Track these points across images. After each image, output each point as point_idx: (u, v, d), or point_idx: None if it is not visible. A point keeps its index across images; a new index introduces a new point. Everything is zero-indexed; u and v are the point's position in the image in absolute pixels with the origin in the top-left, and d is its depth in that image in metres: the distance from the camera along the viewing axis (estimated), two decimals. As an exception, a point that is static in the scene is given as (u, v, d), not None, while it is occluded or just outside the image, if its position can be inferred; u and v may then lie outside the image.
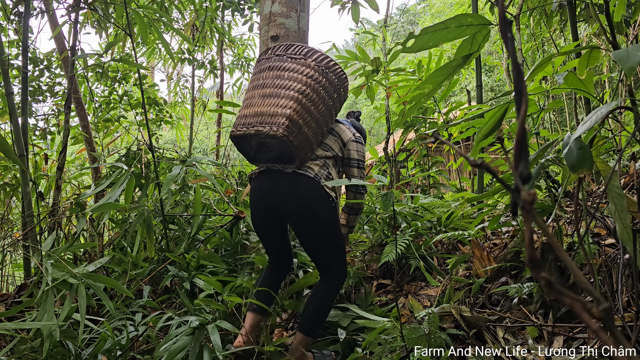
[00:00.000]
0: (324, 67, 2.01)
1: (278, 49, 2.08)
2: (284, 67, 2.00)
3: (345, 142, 2.18)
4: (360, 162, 2.20)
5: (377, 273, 2.95)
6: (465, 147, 6.75)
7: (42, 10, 4.81)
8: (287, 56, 2.03)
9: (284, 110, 1.90)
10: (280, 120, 1.89)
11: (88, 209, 2.83)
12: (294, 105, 1.91)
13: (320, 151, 2.10)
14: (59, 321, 1.63)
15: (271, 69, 2.03)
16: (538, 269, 0.38)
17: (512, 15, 3.36)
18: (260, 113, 1.94)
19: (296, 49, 2.04)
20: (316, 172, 2.03)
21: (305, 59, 2.00)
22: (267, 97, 1.96)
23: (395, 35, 21.65)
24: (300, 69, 1.98)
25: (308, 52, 2.02)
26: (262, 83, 2.02)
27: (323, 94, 1.99)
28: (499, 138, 0.70)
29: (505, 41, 0.49)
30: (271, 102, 1.93)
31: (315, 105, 1.97)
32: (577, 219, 1.41)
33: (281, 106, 1.91)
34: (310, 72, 1.98)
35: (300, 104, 1.92)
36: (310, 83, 1.96)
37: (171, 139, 16.99)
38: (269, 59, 2.08)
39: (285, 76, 1.97)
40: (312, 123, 1.97)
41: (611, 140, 3.77)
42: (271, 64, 2.04)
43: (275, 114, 1.91)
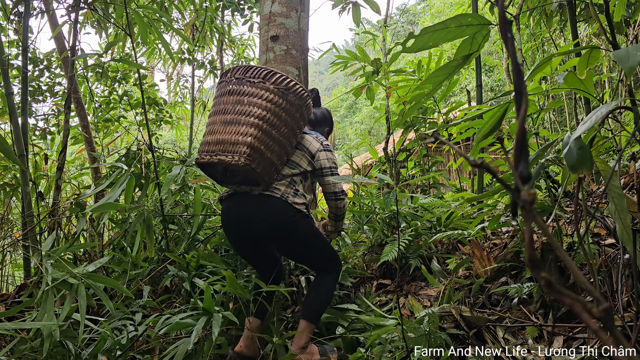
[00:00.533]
0: (284, 89, 2.00)
1: (237, 71, 2.07)
2: (243, 91, 1.99)
3: (314, 153, 2.18)
4: (332, 169, 2.22)
5: (377, 273, 2.95)
6: (465, 147, 6.75)
7: (42, 10, 4.81)
8: (246, 80, 2.01)
9: (244, 138, 1.91)
10: (242, 149, 1.90)
11: (88, 209, 2.83)
12: (254, 132, 1.92)
13: (286, 170, 2.11)
14: (59, 321, 1.63)
15: (231, 94, 2.02)
16: (538, 269, 0.38)
17: (512, 15, 3.36)
18: (222, 141, 1.95)
19: (255, 72, 2.02)
20: (282, 191, 2.04)
21: (264, 82, 1.99)
22: (228, 124, 1.96)
23: (395, 35, 21.65)
24: (260, 92, 1.97)
25: (267, 75, 2.00)
26: (223, 108, 2.01)
27: (284, 117, 1.99)
28: (499, 138, 0.70)
29: (505, 41, 0.49)
30: (232, 130, 1.94)
31: (277, 128, 1.98)
32: (577, 219, 1.41)
33: (242, 134, 1.92)
34: (270, 95, 1.97)
35: (261, 130, 1.93)
36: (270, 107, 1.96)
37: (171, 139, 17.00)
38: (229, 83, 2.06)
39: (245, 101, 1.97)
40: (274, 147, 1.98)
41: (611, 140, 3.77)
42: (231, 88, 2.03)
43: (237, 142, 1.91)
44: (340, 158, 17.49)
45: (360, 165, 9.18)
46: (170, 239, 3.08)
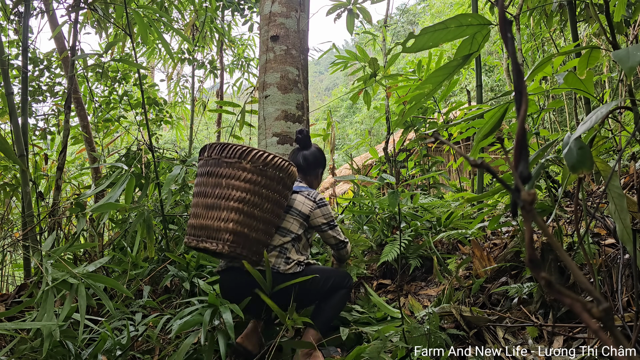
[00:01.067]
0: (262, 165, 1.97)
1: (214, 150, 2.03)
2: (220, 173, 1.97)
3: (308, 214, 2.15)
4: (330, 223, 2.21)
5: (377, 273, 2.95)
6: (465, 147, 6.75)
7: (42, 10, 4.81)
8: (223, 160, 1.98)
9: (226, 225, 1.90)
10: (224, 236, 1.89)
11: (88, 209, 2.83)
12: (235, 217, 1.91)
13: (277, 239, 2.08)
14: (58, 321, 1.63)
15: (210, 175, 2.00)
16: (538, 269, 0.38)
17: (512, 15, 3.36)
18: (205, 226, 1.94)
19: (230, 151, 1.98)
20: (273, 263, 2.02)
21: (241, 161, 1.95)
22: (209, 208, 1.95)
23: (395, 35, 21.65)
24: (237, 174, 1.95)
25: (242, 154, 1.97)
26: (204, 191, 2.00)
27: (266, 193, 1.97)
28: (499, 138, 0.70)
29: (505, 41, 0.49)
30: (214, 215, 1.93)
31: (259, 207, 1.96)
32: (577, 219, 1.41)
33: (223, 220, 1.91)
34: (248, 175, 1.95)
35: (243, 213, 1.92)
36: (249, 188, 1.94)
37: (171, 139, 16.99)
38: (207, 163, 2.04)
39: (223, 184, 1.95)
40: (259, 225, 1.96)
41: (611, 140, 3.77)
42: (209, 169, 2.01)
43: (219, 228, 1.91)
44: (340, 158, 17.48)
45: (360, 165, 9.19)
46: (170, 239, 3.08)
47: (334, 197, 6.28)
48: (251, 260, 1.96)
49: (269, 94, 3.74)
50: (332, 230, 2.22)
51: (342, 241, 2.26)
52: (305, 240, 2.18)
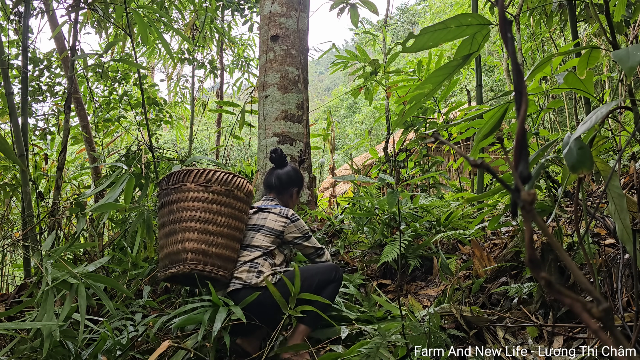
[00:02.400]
0: (204, 183, 2.03)
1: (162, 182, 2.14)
2: (170, 200, 2.05)
3: (282, 230, 2.16)
4: (305, 235, 2.22)
5: (377, 273, 2.95)
6: (465, 147, 6.75)
7: (42, 10, 4.81)
8: (170, 188, 2.07)
9: (184, 245, 1.95)
10: (184, 256, 1.94)
11: (88, 209, 2.83)
12: (190, 236, 1.96)
13: (246, 255, 2.08)
14: (58, 321, 1.63)
15: (163, 205, 2.09)
16: (538, 269, 0.38)
17: (512, 15, 3.36)
18: (168, 254, 2.00)
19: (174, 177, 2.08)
20: (244, 278, 2.01)
21: (184, 183, 2.03)
22: (168, 235, 2.03)
23: (395, 35, 21.66)
24: (183, 195, 2.02)
25: (185, 176, 2.05)
26: (162, 222, 2.08)
27: (217, 208, 2.01)
28: (499, 138, 0.71)
29: (505, 41, 0.49)
30: (173, 240, 2.00)
31: (212, 222, 2.00)
32: (577, 219, 1.41)
33: (180, 241, 1.97)
34: (194, 194, 2.01)
35: (196, 230, 1.97)
36: (197, 206, 2.00)
37: (171, 139, 16.99)
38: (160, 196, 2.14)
39: (174, 209, 2.02)
40: (217, 239, 1.99)
41: (611, 140, 3.77)
42: (162, 201, 2.10)
43: (178, 251, 1.96)
44: (340, 158, 17.48)
45: (360, 165, 9.19)
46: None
47: (334, 197, 6.29)
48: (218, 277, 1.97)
49: (269, 94, 3.74)
50: (308, 241, 2.23)
51: (318, 248, 2.27)
52: (282, 257, 2.18)
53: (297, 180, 2.41)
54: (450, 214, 2.99)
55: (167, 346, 1.45)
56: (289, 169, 2.40)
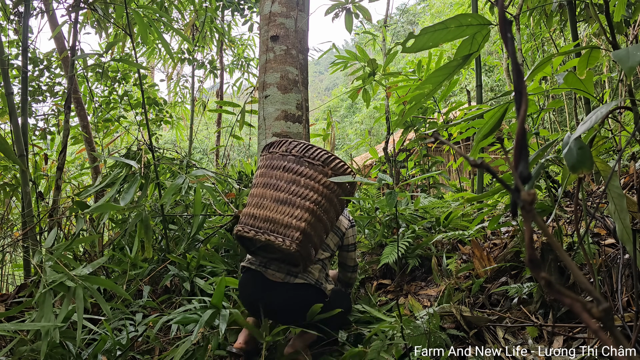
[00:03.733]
0: (341, 175, 1.94)
1: (295, 147, 1.98)
2: (301, 172, 1.91)
3: (344, 232, 2.16)
4: (354, 244, 2.22)
5: (377, 273, 2.95)
6: (465, 147, 6.75)
7: (42, 10, 4.81)
8: (305, 159, 1.93)
9: (298, 223, 1.83)
10: (295, 234, 1.81)
11: (89, 210, 2.83)
12: (308, 218, 1.84)
13: (320, 253, 2.05)
14: (57, 322, 1.63)
15: (287, 170, 1.92)
16: (538, 269, 0.38)
17: (512, 15, 3.36)
18: (272, 219, 1.85)
19: (315, 153, 1.94)
20: (317, 277, 1.99)
21: (324, 166, 1.92)
22: (281, 203, 1.87)
23: (395, 35, 21.66)
24: (318, 177, 1.90)
25: (327, 159, 1.94)
26: (276, 184, 1.91)
27: (336, 202, 1.96)
28: (499, 138, 0.71)
29: (505, 41, 0.49)
30: (285, 211, 1.85)
31: (327, 213, 1.93)
32: (577, 219, 1.41)
33: (296, 217, 1.84)
34: (328, 181, 1.92)
35: (315, 216, 1.87)
36: (325, 193, 1.90)
37: (171, 139, 17.00)
38: (284, 157, 1.96)
39: (302, 182, 1.89)
40: (321, 231, 1.93)
41: (611, 140, 3.77)
42: (287, 165, 1.93)
43: (290, 225, 1.82)
44: (340, 158, 17.46)
45: (360, 165, 9.19)
46: (171, 239, 3.08)
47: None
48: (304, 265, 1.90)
49: (269, 94, 3.74)
50: (354, 252, 2.23)
51: (356, 265, 2.28)
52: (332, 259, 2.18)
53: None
54: (450, 214, 2.99)
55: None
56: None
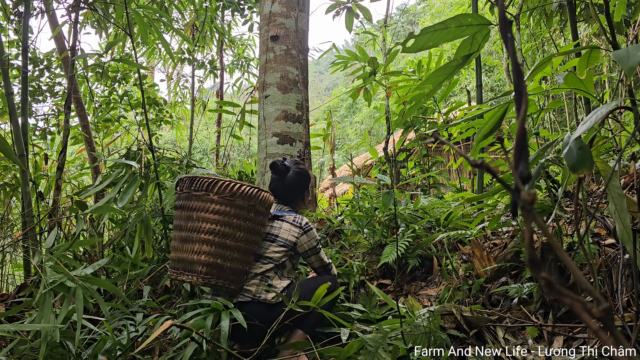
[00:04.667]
0: (229, 196, 1.97)
1: (184, 184, 2.06)
2: (191, 206, 1.99)
3: (295, 241, 2.13)
4: (316, 248, 2.18)
5: (377, 273, 2.95)
6: (465, 147, 6.75)
7: (42, 10, 4.81)
8: (192, 194, 2.01)
9: (199, 257, 1.92)
10: (197, 268, 1.92)
11: (88, 210, 2.83)
12: (207, 249, 1.92)
13: (257, 267, 2.06)
14: (57, 323, 1.63)
15: (182, 209, 2.03)
16: (538, 269, 0.38)
17: (512, 15, 3.36)
18: (182, 259, 1.98)
19: (198, 184, 2.00)
20: (254, 292, 2.00)
21: (208, 193, 1.97)
22: (183, 241, 1.99)
23: (395, 35, 21.66)
24: (206, 206, 1.97)
25: (209, 185, 1.98)
26: (179, 225, 2.03)
27: (237, 222, 1.98)
28: (499, 138, 0.71)
29: (505, 41, 0.49)
30: (187, 248, 1.97)
31: (231, 237, 1.96)
32: (577, 219, 1.41)
33: (196, 252, 1.93)
34: (216, 207, 1.96)
35: (214, 244, 1.93)
36: (218, 219, 1.95)
37: (171, 139, 17.01)
38: (179, 197, 2.07)
39: (194, 217, 1.97)
40: (233, 254, 1.96)
41: (611, 140, 3.77)
42: (181, 203, 2.04)
43: (192, 261, 1.94)
44: (340, 158, 17.49)
45: (360, 165, 9.19)
46: (170, 239, 3.07)
47: (334, 197, 6.29)
48: (229, 289, 1.96)
49: (269, 94, 3.74)
50: (317, 255, 2.21)
51: (327, 264, 2.25)
52: (290, 266, 2.18)
53: (304, 183, 2.36)
54: (450, 214, 2.99)
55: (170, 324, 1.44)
56: (292, 175, 2.32)
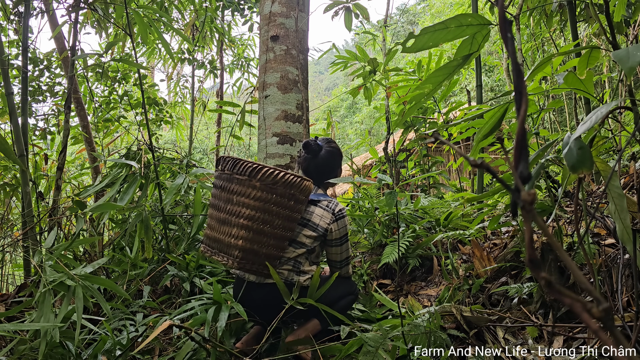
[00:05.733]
0: (271, 184, 1.96)
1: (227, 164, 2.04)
2: (231, 189, 1.98)
3: (327, 227, 2.11)
4: (343, 238, 2.16)
5: (377, 273, 2.95)
6: (465, 147, 6.75)
7: (42, 10, 4.81)
8: (234, 177, 1.99)
9: (236, 242, 1.92)
10: (234, 253, 1.91)
11: (88, 209, 2.83)
12: (245, 235, 1.91)
13: (290, 252, 2.06)
14: (56, 322, 1.63)
15: (223, 189, 2.02)
16: (538, 269, 0.38)
17: (512, 15, 3.36)
18: (218, 240, 1.98)
19: (241, 168, 1.98)
20: (286, 276, 2.01)
21: (251, 179, 1.95)
22: (221, 222, 1.98)
23: (395, 35, 21.66)
24: (247, 191, 1.95)
25: (253, 171, 1.96)
26: (217, 204, 2.03)
27: (276, 210, 1.97)
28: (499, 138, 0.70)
29: (505, 41, 0.49)
30: (225, 231, 1.96)
31: (269, 224, 1.96)
32: (577, 219, 1.41)
33: (233, 236, 1.93)
34: (257, 193, 1.94)
35: (252, 230, 1.92)
36: (258, 206, 1.94)
37: (171, 139, 17.01)
38: (220, 177, 2.06)
39: (234, 200, 1.96)
40: (269, 241, 1.96)
41: (611, 140, 3.77)
42: (222, 184, 2.03)
43: (229, 244, 1.93)
44: (340, 158, 17.48)
45: (360, 165, 9.19)
46: (170, 239, 3.08)
47: (334, 197, 6.29)
48: (261, 273, 1.97)
49: (269, 94, 3.74)
50: (343, 245, 2.17)
51: (348, 257, 2.21)
52: (319, 251, 2.17)
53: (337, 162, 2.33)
54: (450, 214, 2.99)
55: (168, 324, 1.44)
56: (325, 154, 2.28)
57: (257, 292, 2.03)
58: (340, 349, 1.83)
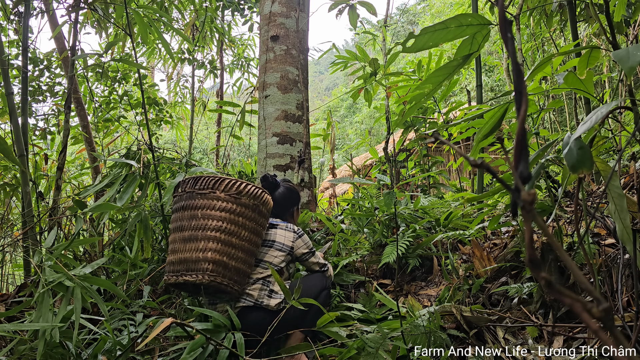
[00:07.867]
0: (235, 194, 1.97)
1: (186, 184, 2.05)
2: (195, 205, 1.98)
3: (291, 245, 2.17)
4: (310, 251, 2.22)
5: (377, 273, 2.95)
6: (465, 147, 6.76)
7: (42, 10, 4.81)
8: (195, 192, 2.00)
9: (205, 255, 1.89)
10: (204, 266, 1.88)
11: (87, 209, 2.83)
12: (214, 246, 1.90)
13: (258, 272, 2.06)
14: (55, 322, 1.63)
15: (184, 209, 2.00)
16: (538, 269, 0.38)
17: (512, 15, 3.36)
18: (184, 260, 1.93)
19: (203, 183, 2.00)
20: (256, 297, 2.00)
21: (214, 190, 1.96)
22: (186, 241, 1.95)
23: (395, 35, 21.66)
24: (212, 203, 1.96)
25: (216, 183, 1.98)
26: (180, 226, 2.00)
27: (243, 221, 1.97)
28: (499, 138, 0.70)
29: (505, 41, 0.49)
30: (191, 247, 1.93)
31: (237, 235, 1.95)
32: (577, 219, 1.41)
33: (202, 250, 1.90)
34: (222, 204, 1.95)
35: (221, 241, 1.92)
36: (225, 216, 1.94)
37: (171, 139, 17.01)
38: (180, 198, 2.05)
39: (199, 215, 1.95)
40: (238, 253, 1.95)
41: (611, 140, 3.77)
42: (183, 204, 2.01)
43: (198, 259, 1.90)
44: (340, 158, 17.50)
45: (360, 165, 9.19)
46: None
47: (334, 197, 6.29)
48: (232, 291, 1.94)
49: (269, 94, 3.74)
50: (313, 257, 2.24)
51: (323, 264, 2.28)
52: (287, 274, 2.20)
53: (294, 199, 2.42)
54: (450, 214, 2.99)
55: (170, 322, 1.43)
56: (283, 190, 2.39)
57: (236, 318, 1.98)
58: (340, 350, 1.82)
